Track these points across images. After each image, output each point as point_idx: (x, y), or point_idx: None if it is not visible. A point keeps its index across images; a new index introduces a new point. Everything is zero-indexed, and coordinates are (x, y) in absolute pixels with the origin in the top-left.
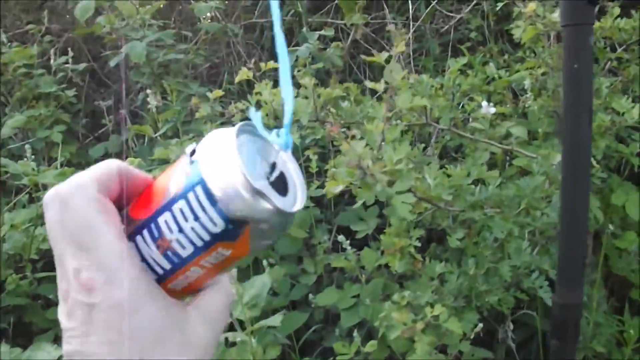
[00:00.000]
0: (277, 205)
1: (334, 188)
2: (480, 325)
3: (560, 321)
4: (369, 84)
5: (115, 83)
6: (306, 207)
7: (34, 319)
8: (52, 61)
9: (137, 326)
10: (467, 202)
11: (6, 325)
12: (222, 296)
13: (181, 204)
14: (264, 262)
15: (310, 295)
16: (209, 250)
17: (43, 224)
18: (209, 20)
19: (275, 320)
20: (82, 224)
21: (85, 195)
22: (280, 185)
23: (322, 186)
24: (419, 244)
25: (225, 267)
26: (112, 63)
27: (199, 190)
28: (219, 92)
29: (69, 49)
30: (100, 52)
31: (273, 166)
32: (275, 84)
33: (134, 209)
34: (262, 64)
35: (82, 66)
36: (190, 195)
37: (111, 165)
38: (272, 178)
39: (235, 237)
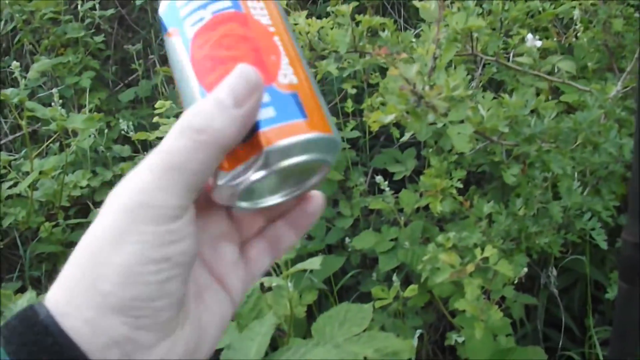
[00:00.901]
0: None
1: (383, 117)
2: (525, 269)
3: (631, 262)
4: (417, 3)
5: (143, 29)
6: (342, 149)
7: None
8: (79, 7)
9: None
10: (522, 135)
11: (39, 274)
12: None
13: None
14: None
15: (347, 239)
16: None
17: (74, 171)
18: None
19: (314, 262)
20: None
21: None
22: None
23: (357, 127)
24: (461, 185)
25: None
26: (138, 1)
27: None
28: None
29: None
30: None
31: None
32: (310, 14)
33: None
34: None
35: (109, 12)
36: None
37: None
38: None
39: None
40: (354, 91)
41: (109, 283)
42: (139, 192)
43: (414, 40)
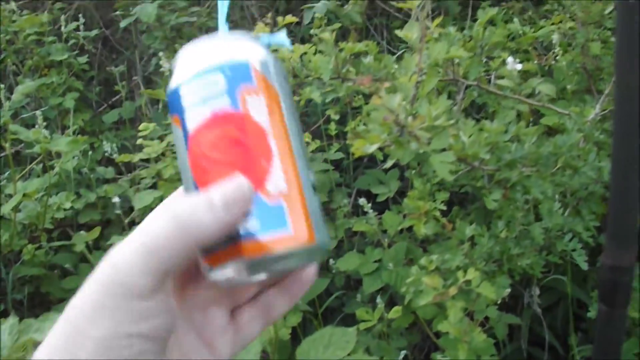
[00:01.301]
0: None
1: (366, 147)
2: (508, 290)
3: (610, 284)
4: (399, 32)
5: (127, 49)
6: (325, 171)
7: (50, 289)
8: (63, 28)
9: None
10: (503, 160)
11: (22, 297)
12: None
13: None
14: None
15: (331, 261)
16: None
17: (57, 192)
18: None
19: None
20: None
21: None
22: None
23: (341, 149)
24: (444, 208)
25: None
26: (122, 24)
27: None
28: None
29: (80, 15)
30: (112, 19)
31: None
32: (294, 41)
33: None
34: (280, 19)
35: (93, 33)
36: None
37: None
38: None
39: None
40: (337, 117)
41: (86, 353)
42: (114, 269)
43: (396, 66)
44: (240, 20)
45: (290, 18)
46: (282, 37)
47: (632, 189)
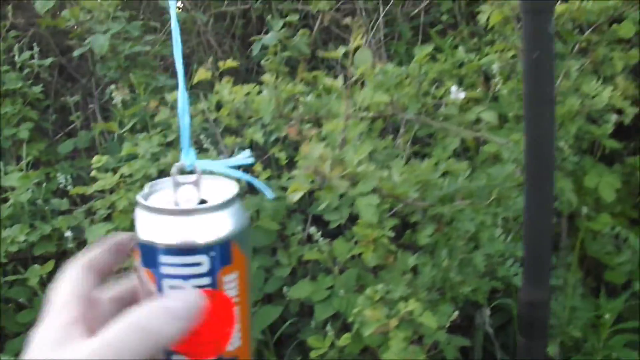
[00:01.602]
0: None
1: (292, 195)
2: (456, 313)
3: (527, 319)
4: (328, 81)
5: (84, 77)
6: (278, 198)
7: (5, 323)
8: (16, 57)
9: None
10: (435, 196)
11: None
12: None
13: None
14: None
15: (285, 288)
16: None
17: (11, 225)
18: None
19: None
20: None
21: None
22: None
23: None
24: (393, 234)
25: None
26: (75, 53)
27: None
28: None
29: (35, 43)
30: (68, 46)
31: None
32: (237, 81)
33: None
34: (221, 63)
35: (48, 61)
36: None
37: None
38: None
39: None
40: (282, 154)
41: None
42: None
43: (334, 106)
44: (196, 46)
45: (230, 62)
46: (262, 185)
47: (545, 231)
